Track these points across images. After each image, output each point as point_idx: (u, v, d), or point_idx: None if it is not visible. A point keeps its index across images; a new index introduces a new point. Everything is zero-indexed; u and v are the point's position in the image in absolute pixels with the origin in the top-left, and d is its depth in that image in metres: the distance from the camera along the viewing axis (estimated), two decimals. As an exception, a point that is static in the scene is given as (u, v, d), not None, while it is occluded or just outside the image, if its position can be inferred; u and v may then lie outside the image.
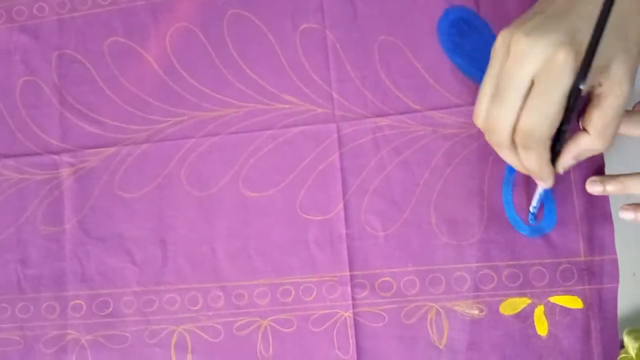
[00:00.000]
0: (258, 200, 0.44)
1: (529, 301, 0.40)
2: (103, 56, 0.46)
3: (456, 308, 0.41)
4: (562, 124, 0.32)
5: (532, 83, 0.31)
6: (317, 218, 0.43)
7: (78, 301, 0.44)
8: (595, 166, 0.41)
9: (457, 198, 0.42)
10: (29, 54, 0.47)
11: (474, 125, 0.41)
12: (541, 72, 0.31)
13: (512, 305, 0.41)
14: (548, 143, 0.33)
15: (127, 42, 0.46)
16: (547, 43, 0.31)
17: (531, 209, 0.40)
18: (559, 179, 0.41)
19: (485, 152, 0.42)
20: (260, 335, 0.43)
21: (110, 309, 0.44)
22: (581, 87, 0.30)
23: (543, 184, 0.37)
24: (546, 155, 0.34)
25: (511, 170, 0.41)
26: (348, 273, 0.42)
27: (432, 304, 0.41)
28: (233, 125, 0.44)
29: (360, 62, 0.44)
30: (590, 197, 0.41)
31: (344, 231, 0.43)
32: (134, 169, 0.45)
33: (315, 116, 0.44)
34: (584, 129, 0.34)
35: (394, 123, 0.43)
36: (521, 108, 0.32)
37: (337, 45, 0.44)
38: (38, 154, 0.46)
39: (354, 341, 0.42)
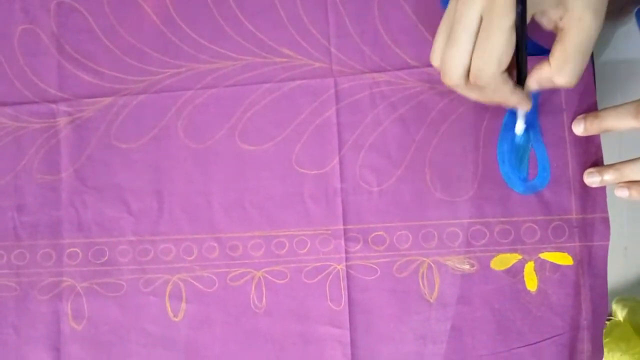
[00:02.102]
0: (254, 154, 0.44)
1: (520, 257, 0.41)
2: (102, 5, 0.46)
3: (448, 263, 0.42)
4: (519, 53, 0.33)
5: (481, 20, 0.32)
6: (313, 172, 0.43)
7: (74, 249, 0.45)
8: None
9: (452, 155, 0.42)
10: (28, 2, 0.47)
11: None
12: (486, 10, 0.31)
13: (502, 261, 0.41)
14: (500, 77, 0.33)
15: (126, -8, 0.46)
16: None
17: (518, 132, 0.40)
18: (554, 139, 0.41)
19: (481, 110, 0.42)
20: (253, 286, 0.43)
21: (106, 258, 0.44)
22: (525, 17, 0.30)
23: (520, 109, 0.38)
24: (504, 87, 0.34)
25: (507, 127, 0.41)
26: (342, 227, 0.43)
27: (424, 259, 0.42)
28: (230, 78, 0.44)
29: (359, 17, 0.43)
30: (583, 156, 0.41)
31: (338, 185, 0.43)
32: (131, 119, 0.45)
33: (313, 71, 0.44)
34: (547, 60, 0.34)
35: (391, 79, 0.43)
36: (472, 48, 0.32)
37: (337, 0, 0.44)
38: (35, 102, 0.46)
39: (346, 293, 0.42)
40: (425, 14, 0.43)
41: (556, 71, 0.33)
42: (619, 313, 0.52)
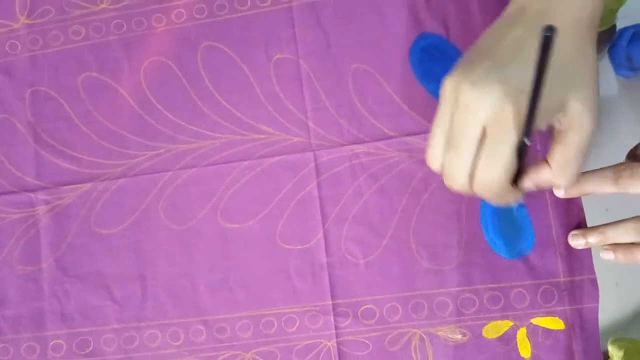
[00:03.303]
0: (237, 232, 0.43)
1: (511, 323, 0.40)
2: (77, 92, 0.46)
3: (439, 333, 0.41)
4: (520, 159, 0.32)
5: (484, 131, 0.31)
6: (297, 247, 0.43)
7: (58, 341, 0.44)
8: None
9: (436, 223, 0.42)
10: (2, 92, 0.47)
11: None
12: (490, 124, 0.31)
13: (494, 329, 0.41)
14: (505, 186, 0.33)
15: (101, 77, 0.46)
16: (494, 95, 0.30)
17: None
18: (535, 202, 0.41)
19: (462, 176, 0.42)
20: (243, 368, 0.42)
21: (91, 348, 0.43)
22: (528, 141, 0.30)
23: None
24: (507, 193, 0.34)
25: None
26: (330, 302, 0.42)
27: (416, 330, 0.41)
28: (210, 157, 0.44)
29: (334, 90, 0.44)
30: (566, 218, 0.41)
31: (324, 260, 0.42)
32: (110, 204, 0.44)
33: (292, 145, 0.44)
34: (547, 162, 0.34)
35: (370, 150, 0.43)
36: (475, 157, 0.32)
37: (311, 75, 0.44)
38: (13, 192, 0.45)
39: (339, 371, 0.41)
40: (400, 85, 0.43)
41: (558, 174, 0.33)
42: (616, 356, 0.52)
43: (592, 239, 0.39)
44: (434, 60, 0.43)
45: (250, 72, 0.45)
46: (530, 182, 0.34)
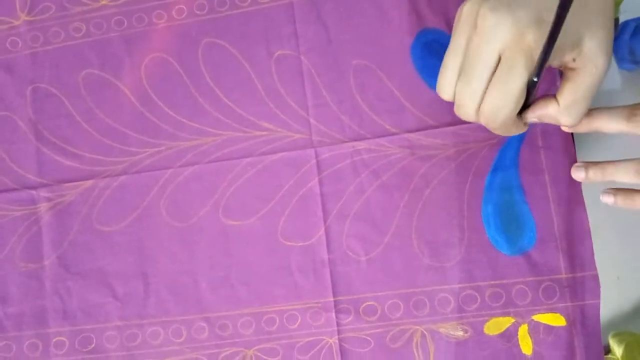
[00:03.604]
0: (239, 229, 0.43)
1: (513, 320, 0.40)
2: (78, 89, 0.46)
3: (441, 330, 0.41)
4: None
5: (499, 59, 0.31)
6: (299, 244, 0.43)
7: (60, 338, 0.44)
8: (571, 180, 0.41)
9: (438, 219, 0.42)
10: (3, 89, 0.46)
11: (451, 146, 0.42)
12: (508, 51, 0.30)
13: (496, 325, 0.41)
14: (513, 118, 0.33)
15: (102, 74, 0.46)
16: (512, 22, 0.30)
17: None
18: (537, 198, 0.41)
19: (464, 172, 0.42)
20: (245, 365, 0.42)
21: (93, 345, 0.43)
22: (535, 79, 0.30)
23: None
24: (512, 125, 0.33)
25: (490, 189, 0.41)
26: (332, 299, 0.42)
27: (417, 327, 0.41)
28: (211, 154, 0.44)
29: (335, 86, 0.44)
30: (568, 214, 0.41)
31: (326, 256, 0.42)
32: (112, 201, 0.44)
33: (293, 142, 0.44)
34: (555, 98, 0.33)
35: (371, 146, 0.43)
36: (487, 85, 0.32)
37: (313, 71, 0.44)
38: (15, 189, 0.45)
39: (340, 367, 0.41)
40: (401, 81, 0.43)
41: (564, 111, 0.33)
42: (616, 350, 0.52)
43: (592, 173, 0.38)
44: (435, 56, 0.42)
45: (251, 69, 0.44)
46: (534, 115, 0.34)
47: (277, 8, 0.44)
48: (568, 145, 0.41)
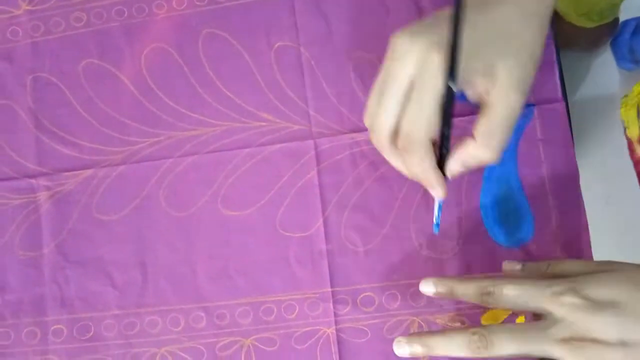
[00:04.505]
0: (237, 219, 0.44)
1: (509, 312, 0.41)
2: (78, 78, 0.46)
3: (438, 321, 0.41)
4: (444, 127, 0.33)
5: (412, 84, 0.32)
6: (297, 235, 0.43)
7: (58, 326, 0.44)
8: (569, 173, 0.41)
9: (436, 211, 0.42)
10: (3, 78, 0.47)
11: (449, 139, 0.42)
12: (417, 74, 0.31)
13: (493, 317, 0.41)
14: (428, 145, 0.33)
15: (102, 64, 0.46)
16: (422, 44, 0.31)
17: (434, 220, 0.40)
18: (535, 191, 0.41)
19: (462, 165, 0.42)
20: (243, 354, 0.42)
21: (91, 333, 0.44)
22: (453, 87, 0.31)
23: (434, 193, 0.36)
24: (428, 159, 0.34)
25: (488, 181, 0.42)
26: (329, 289, 0.42)
27: (414, 318, 0.41)
28: (210, 144, 0.44)
29: (335, 78, 0.44)
30: (566, 207, 0.41)
31: (324, 247, 0.43)
32: (111, 191, 0.45)
33: (293, 133, 0.44)
34: (472, 136, 0.33)
35: (370, 138, 0.43)
36: (400, 109, 0.32)
37: (312, 62, 0.44)
38: (15, 178, 0.45)
39: (338, 358, 0.42)
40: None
41: (482, 146, 0.33)
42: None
43: (418, 348, 0.35)
44: (435, 48, 0.42)
45: (251, 60, 0.45)
46: (456, 162, 0.34)
47: (278, -1, 0.45)
48: (566, 139, 0.41)
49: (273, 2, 0.45)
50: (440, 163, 0.35)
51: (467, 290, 0.36)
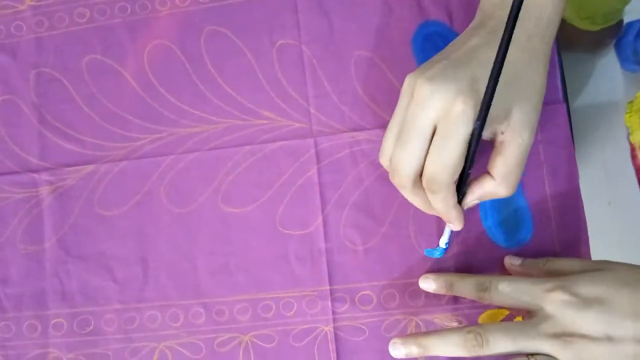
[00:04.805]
0: (238, 216, 0.44)
1: (507, 312, 0.41)
2: (81, 74, 0.46)
3: (436, 321, 0.41)
4: (465, 167, 0.34)
5: (435, 128, 0.33)
6: (297, 233, 0.43)
7: (59, 320, 0.44)
8: (570, 175, 0.41)
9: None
10: (7, 73, 0.47)
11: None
12: (441, 119, 0.32)
13: (490, 317, 0.41)
14: (452, 187, 0.34)
15: (105, 60, 0.46)
16: (447, 91, 0.32)
17: (442, 245, 0.40)
18: (535, 192, 0.41)
19: (462, 165, 0.42)
20: (241, 351, 0.43)
21: (91, 327, 0.44)
22: (481, 134, 0.32)
23: (452, 227, 0.38)
24: (451, 198, 0.35)
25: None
26: (328, 287, 0.42)
27: (412, 317, 0.42)
28: (212, 141, 0.44)
29: (336, 77, 0.44)
30: (565, 208, 0.41)
31: (323, 245, 0.43)
32: (113, 186, 0.45)
33: (293, 131, 0.44)
34: (489, 174, 0.35)
35: (371, 137, 0.43)
36: (424, 153, 0.33)
37: (314, 61, 0.44)
38: (17, 172, 0.46)
39: (335, 355, 0.42)
40: (402, 72, 0.43)
41: (500, 184, 0.35)
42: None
43: (415, 349, 0.36)
44: (436, 48, 0.42)
45: (253, 58, 0.45)
46: (474, 196, 0.36)
47: (280, -3, 0.45)
48: (566, 140, 0.42)
49: (276, 1, 0.45)
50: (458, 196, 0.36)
51: (465, 286, 0.37)
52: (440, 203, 0.35)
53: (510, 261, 0.40)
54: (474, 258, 0.41)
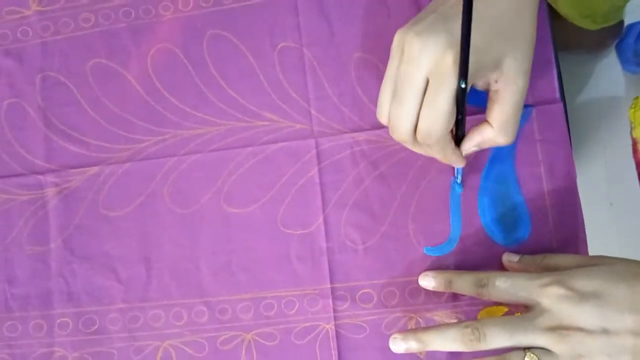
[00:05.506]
0: (240, 216, 0.44)
1: (506, 309, 0.41)
2: (86, 78, 0.47)
3: (436, 318, 0.42)
4: (459, 115, 0.35)
5: (427, 82, 0.34)
6: (298, 232, 0.44)
7: (64, 319, 0.45)
8: (567, 174, 0.42)
9: (434, 210, 0.43)
10: (13, 77, 0.48)
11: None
12: (432, 73, 0.33)
13: (490, 314, 0.41)
14: (446, 137, 0.35)
15: (109, 64, 0.47)
16: (436, 45, 0.33)
17: (458, 180, 0.42)
18: (532, 191, 0.42)
19: (461, 164, 0.43)
20: (244, 349, 0.43)
21: (96, 326, 0.45)
22: (462, 85, 0.32)
23: (455, 165, 0.40)
24: (448, 146, 0.36)
25: (486, 180, 0.42)
26: (329, 286, 0.43)
27: (412, 315, 0.42)
28: (214, 143, 0.45)
29: (337, 79, 0.45)
30: (563, 207, 0.42)
31: (324, 245, 0.43)
32: (117, 187, 0.46)
33: (294, 132, 0.45)
34: (488, 122, 0.36)
35: (371, 138, 0.44)
36: (419, 108, 0.34)
37: (315, 63, 0.45)
38: (23, 174, 0.47)
39: (337, 353, 0.42)
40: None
41: (499, 132, 0.36)
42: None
43: (414, 344, 0.38)
44: (434, 50, 0.43)
45: (254, 60, 0.45)
46: (473, 143, 0.37)
47: (281, 1, 0.45)
48: (564, 138, 0.42)
49: (276, 4, 0.45)
50: (456, 141, 0.37)
51: (464, 283, 0.38)
52: (437, 153, 0.37)
53: (508, 258, 0.40)
54: (472, 256, 0.42)
